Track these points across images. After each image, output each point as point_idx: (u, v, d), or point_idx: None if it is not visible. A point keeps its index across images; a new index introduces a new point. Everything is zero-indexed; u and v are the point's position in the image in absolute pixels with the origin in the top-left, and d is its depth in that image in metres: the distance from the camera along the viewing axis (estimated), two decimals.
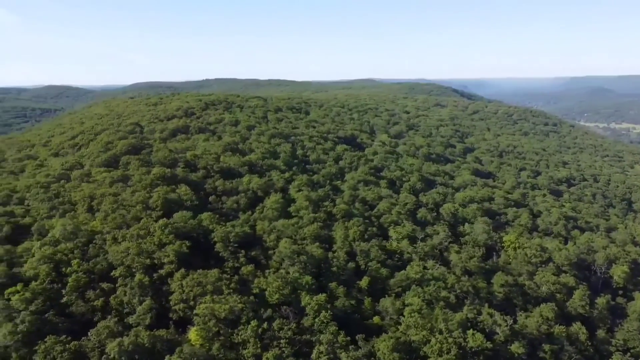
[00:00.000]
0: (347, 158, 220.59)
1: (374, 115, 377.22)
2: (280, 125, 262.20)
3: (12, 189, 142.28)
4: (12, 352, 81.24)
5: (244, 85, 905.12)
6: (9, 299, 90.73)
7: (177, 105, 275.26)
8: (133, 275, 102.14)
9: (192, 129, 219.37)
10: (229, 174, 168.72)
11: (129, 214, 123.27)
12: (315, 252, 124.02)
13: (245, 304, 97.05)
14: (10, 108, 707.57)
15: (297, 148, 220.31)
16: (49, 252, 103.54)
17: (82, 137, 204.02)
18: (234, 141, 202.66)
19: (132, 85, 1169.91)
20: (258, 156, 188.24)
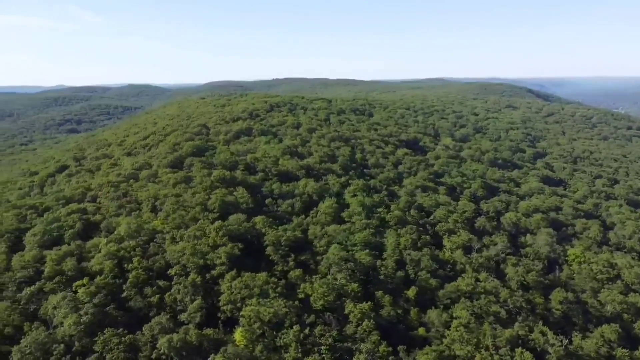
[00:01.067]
0: (406, 162, 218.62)
1: (440, 117, 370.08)
2: (342, 127, 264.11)
3: (87, 187, 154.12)
4: (76, 340, 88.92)
5: (312, 85, 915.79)
6: (76, 291, 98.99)
7: (243, 107, 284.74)
8: (187, 275, 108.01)
9: (255, 131, 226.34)
10: (286, 177, 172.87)
11: (188, 215, 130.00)
12: (364, 259, 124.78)
13: (290, 309, 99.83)
14: (95, 106, 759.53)
15: (357, 152, 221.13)
16: (113, 249, 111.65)
17: (153, 138, 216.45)
18: (294, 144, 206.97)
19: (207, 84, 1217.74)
20: (316, 160, 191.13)
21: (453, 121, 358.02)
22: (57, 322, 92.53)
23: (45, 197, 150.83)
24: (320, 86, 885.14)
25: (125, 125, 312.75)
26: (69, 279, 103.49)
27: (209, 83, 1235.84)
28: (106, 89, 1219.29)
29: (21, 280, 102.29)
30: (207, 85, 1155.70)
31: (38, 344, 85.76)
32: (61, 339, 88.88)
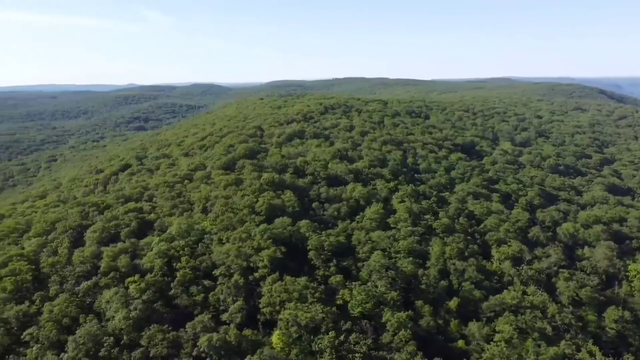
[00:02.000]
0: (459, 168, 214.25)
1: (501, 120, 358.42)
2: (396, 130, 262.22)
3: (145, 186, 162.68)
4: (124, 334, 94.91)
5: (371, 85, 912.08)
6: (128, 287, 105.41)
7: (298, 108, 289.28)
8: (231, 276, 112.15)
9: (307, 134, 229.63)
10: (334, 181, 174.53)
11: (236, 217, 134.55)
12: (406, 267, 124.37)
13: (327, 314, 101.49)
14: (162, 104, 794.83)
15: (408, 156, 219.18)
16: (164, 248, 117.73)
17: (209, 139, 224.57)
18: (345, 147, 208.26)
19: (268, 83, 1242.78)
20: (365, 164, 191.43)
21: (514, 124, 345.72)
22: (109, 316, 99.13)
23: (107, 195, 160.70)
24: (379, 86, 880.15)
25: (186, 125, 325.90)
26: (122, 275, 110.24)
27: (270, 82, 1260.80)
28: (173, 87, 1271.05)
29: (79, 274, 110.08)
30: (269, 84, 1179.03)
31: (91, 335, 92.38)
32: (112, 331, 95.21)
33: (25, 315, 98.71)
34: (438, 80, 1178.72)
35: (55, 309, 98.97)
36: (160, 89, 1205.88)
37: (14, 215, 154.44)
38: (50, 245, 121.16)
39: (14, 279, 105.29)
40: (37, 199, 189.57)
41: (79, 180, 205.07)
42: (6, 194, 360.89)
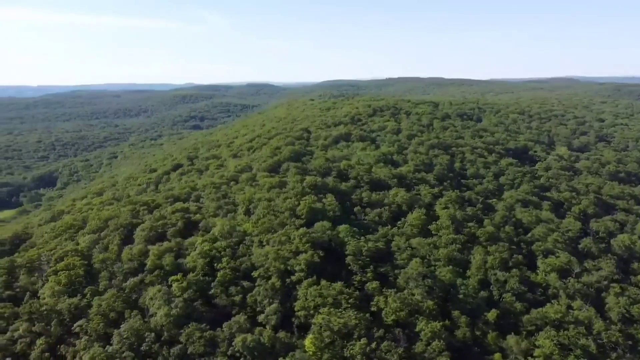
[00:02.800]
0: (509, 173, 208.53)
1: (558, 123, 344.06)
2: (445, 134, 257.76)
3: (193, 187, 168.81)
4: (165, 331, 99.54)
5: (425, 85, 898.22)
6: (171, 285, 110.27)
7: (346, 110, 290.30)
8: (269, 278, 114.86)
9: (353, 137, 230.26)
10: (378, 185, 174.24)
11: (277, 219, 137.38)
12: (444, 276, 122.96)
13: (360, 320, 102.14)
14: (217, 104, 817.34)
15: (456, 160, 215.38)
16: (206, 248, 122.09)
17: (257, 141, 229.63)
18: (390, 151, 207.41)
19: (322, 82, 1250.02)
20: (410, 168, 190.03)
21: (573, 128, 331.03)
22: (152, 312, 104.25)
23: (158, 195, 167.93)
24: (433, 86, 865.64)
25: (237, 126, 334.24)
26: (166, 273, 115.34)
27: (324, 82, 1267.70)
28: (229, 87, 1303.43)
29: (127, 271, 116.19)
30: (323, 84, 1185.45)
31: (134, 330, 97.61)
32: (153, 327, 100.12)
33: (77, 307, 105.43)
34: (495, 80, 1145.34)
35: (103, 303, 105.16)
36: (217, 88, 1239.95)
37: (72, 211, 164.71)
38: (102, 242, 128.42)
39: (68, 273, 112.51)
40: (95, 196, 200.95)
41: (133, 179, 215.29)
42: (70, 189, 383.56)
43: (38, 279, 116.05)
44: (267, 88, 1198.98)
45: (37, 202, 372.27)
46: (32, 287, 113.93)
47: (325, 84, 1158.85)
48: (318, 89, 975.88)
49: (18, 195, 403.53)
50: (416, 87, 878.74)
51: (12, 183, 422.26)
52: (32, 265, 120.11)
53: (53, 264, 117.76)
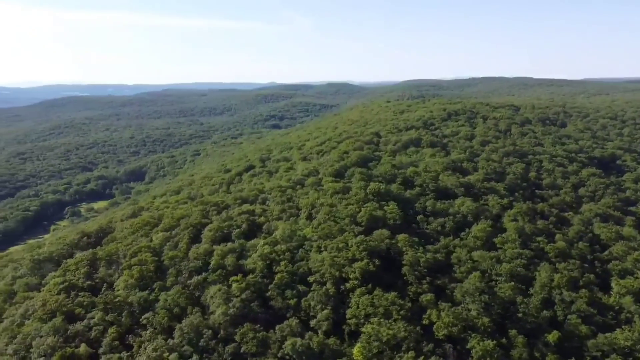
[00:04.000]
0: (590, 185, 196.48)
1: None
2: (522, 140, 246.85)
3: (261, 189, 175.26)
4: (222, 329, 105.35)
5: (510, 85, 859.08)
6: (231, 285, 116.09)
7: (419, 114, 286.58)
8: (324, 284, 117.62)
9: (423, 142, 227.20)
10: (444, 194, 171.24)
11: (336, 226, 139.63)
12: (504, 292, 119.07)
13: (410, 333, 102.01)
14: (297, 103, 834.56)
15: (531, 169, 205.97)
16: (267, 251, 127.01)
17: (327, 144, 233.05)
18: (460, 158, 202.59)
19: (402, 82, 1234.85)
20: (480, 177, 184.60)
21: None
22: (212, 310, 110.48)
23: (228, 195, 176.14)
24: (518, 87, 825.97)
25: (311, 128, 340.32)
26: (227, 273, 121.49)
27: (405, 82, 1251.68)
28: (309, 86, 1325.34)
29: (192, 269, 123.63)
30: (403, 84, 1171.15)
31: (193, 326, 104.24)
32: (212, 325, 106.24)
33: (146, 301, 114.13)
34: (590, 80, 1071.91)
35: (169, 299, 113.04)
36: (297, 87, 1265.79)
37: (151, 209, 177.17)
38: (173, 240, 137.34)
39: (140, 268, 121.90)
40: (174, 194, 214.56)
41: (208, 179, 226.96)
42: (156, 183, 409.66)
43: (115, 271, 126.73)
44: (347, 88, 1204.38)
45: (127, 194, 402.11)
46: (109, 279, 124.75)
47: (405, 84, 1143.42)
48: (397, 89, 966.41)
49: (111, 187, 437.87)
50: (500, 88, 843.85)
51: (107, 176, 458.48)
52: (110, 259, 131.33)
53: (128, 259, 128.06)
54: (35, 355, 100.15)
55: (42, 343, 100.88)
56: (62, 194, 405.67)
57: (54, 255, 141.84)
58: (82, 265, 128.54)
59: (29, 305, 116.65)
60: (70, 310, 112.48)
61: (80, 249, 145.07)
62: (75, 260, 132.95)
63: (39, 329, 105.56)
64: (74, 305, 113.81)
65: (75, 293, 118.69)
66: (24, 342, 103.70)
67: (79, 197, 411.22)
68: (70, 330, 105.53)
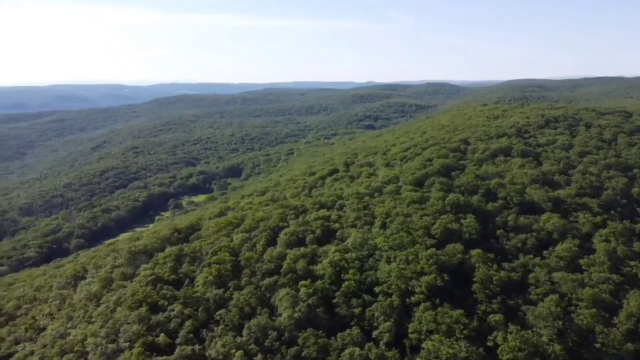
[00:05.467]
0: None
1: None
2: (629, 152, 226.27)
3: (340, 195, 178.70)
4: (286, 331, 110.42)
5: (628, 87, 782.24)
6: (299, 290, 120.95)
7: (514, 120, 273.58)
8: (389, 295, 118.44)
9: (514, 151, 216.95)
10: (529, 208, 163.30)
11: (408, 237, 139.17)
12: (583, 319, 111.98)
13: (472, 354, 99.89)
14: (392, 104, 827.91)
15: (636, 185, 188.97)
16: (337, 258, 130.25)
17: (412, 150, 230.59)
18: (551, 170, 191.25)
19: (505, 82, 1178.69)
20: (572, 191, 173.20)
21: None
22: (279, 312, 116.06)
23: (309, 199, 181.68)
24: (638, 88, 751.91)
25: (399, 132, 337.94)
26: (297, 278, 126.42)
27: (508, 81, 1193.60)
28: (407, 86, 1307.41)
29: (265, 271, 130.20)
30: (506, 84, 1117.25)
31: (261, 326, 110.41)
32: (277, 326, 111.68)
33: (221, 298, 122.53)
34: None
35: (241, 298, 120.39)
36: (395, 87, 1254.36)
37: (236, 209, 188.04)
38: (251, 241, 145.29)
39: (219, 267, 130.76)
40: (260, 194, 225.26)
41: (292, 181, 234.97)
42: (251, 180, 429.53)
43: (197, 268, 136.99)
44: (445, 88, 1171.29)
45: (223, 190, 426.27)
46: (191, 275, 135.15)
47: (508, 84, 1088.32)
48: (499, 89, 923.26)
49: (211, 182, 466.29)
50: (616, 89, 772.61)
51: (207, 171, 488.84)
52: (194, 255, 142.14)
53: (209, 257, 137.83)
54: (122, 340, 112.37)
55: (128, 330, 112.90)
56: (167, 187, 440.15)
57: (148, 248, 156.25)
58: (169, 260, 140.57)
59: (122, 294, 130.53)
60: (154, 301, 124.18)
61: (171, 243, 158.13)
62: (164, 254, 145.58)
63: (127, 317, 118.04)
64: (158, 297, 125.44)
65: (160, 285, 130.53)
66: (114, 327, 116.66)
67: (182, 190, 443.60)
68: (153, 320, 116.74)
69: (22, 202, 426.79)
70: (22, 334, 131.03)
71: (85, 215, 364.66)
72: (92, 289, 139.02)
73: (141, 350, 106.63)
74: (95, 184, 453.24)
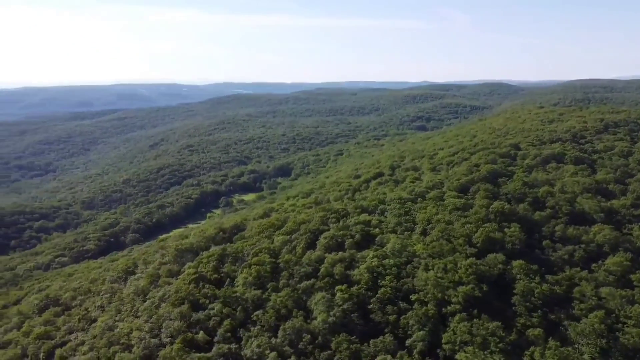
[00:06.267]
0: None
1: None
2: None
3: (382, 199, 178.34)
4: (320, 335, 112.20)
5: None
6: (335, 294, 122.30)
7: (570, 124, 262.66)
8: (425, 304, 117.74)
9: (567, 158, 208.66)
10: (579, 218, 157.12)
11: (448, 245, 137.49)
12: (629, 339, 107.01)
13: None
14: (446, 104, 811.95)
15: None
16: (374, 264, 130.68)
17: (460, 155, 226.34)
18: (606, 179, 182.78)
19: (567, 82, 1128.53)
20: (627, 202, 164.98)
21: None
22: (314, 316, 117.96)
23: (351, 203, 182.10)
24: None
25: (449, 134, 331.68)
26: (334, 282, 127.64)
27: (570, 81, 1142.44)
28: (461, 86, 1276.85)
29: (303, 274, 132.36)
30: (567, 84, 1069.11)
31: (295, 329, 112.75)
32: (312, 329, 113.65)
33: (259, 299, 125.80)
34: None
35: (278, 300, 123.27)
36: (449, 87, 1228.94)
37: (280, 210, 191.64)
38: (291, 243, 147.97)
39: (258, 268, 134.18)
40: (305, 196, 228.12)
41: (337, 184, 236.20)
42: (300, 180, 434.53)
43: (238, 268, 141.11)
44: (502, 88, 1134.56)
45: (273, 189, 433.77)
46: (232, 275, 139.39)
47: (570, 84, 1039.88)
48: (559, 90, 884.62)
49: (261, 181, 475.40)
50: None
51: (258, 170, 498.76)
52: (236, 255, 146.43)
53: (250, 257, 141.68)
54: (164, 335, 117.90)
55: (170, 326, 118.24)
56: (219, 185, 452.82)
57: (194, 247, 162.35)
58: (212, 260, 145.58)
59: (166, 290, 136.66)
60: (196, 299, 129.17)
61: (216, 243, 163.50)
62: (208, 254, 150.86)
63: (169, 313, 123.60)
64: (199, 295, 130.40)
65: (203, 284, 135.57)
66: (157, 322, 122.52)
67: (233, 188, 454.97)
68: (193, 318, 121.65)
69: (84, 196, 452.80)
70: (76, 324, 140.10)
71: (141, 211, 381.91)
72: (139, 284, 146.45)
73: (181, 347, 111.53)
74: (152, 180, 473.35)
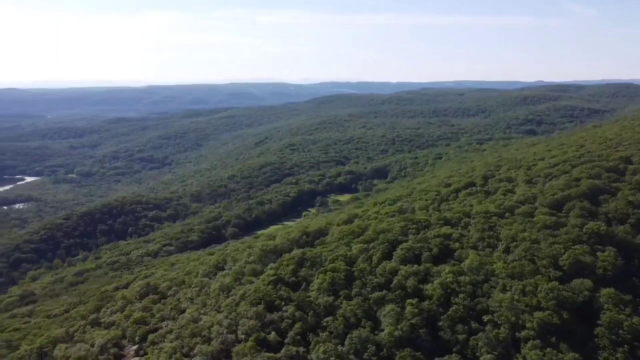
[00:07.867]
0: None
1: None
2: None
3: (468, 212, 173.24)
4: (384, 347, 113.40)
5: None
6: (404, 307, 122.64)
7: None
8: (498, 326, 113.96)
9: None
10: None
11: (531, 266, 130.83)
12: None
13: None
14: (560, 107, 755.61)
15: None
16: (449, 280, 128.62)
17: (560, 167, 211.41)
18: None
19: None
20: None
21: None
22: (382, 327, 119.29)
23: (435, 214, 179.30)
24: None
25: (555, 142, 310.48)
26: (405, 295, 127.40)
27: None
28: (580, 87, 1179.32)
29: (376, 284, 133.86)
30: None
31: (361, 339, 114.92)
32: (377, 341, 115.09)
33: (330, 305, 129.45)
34: None
35: (348, 308, 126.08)
36: (565, 88, 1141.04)
37: (363, 217, 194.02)
38: (367, 252, 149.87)
39: (333, 275, 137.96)
40: (392, 202, 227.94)
41: (425, 192, 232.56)
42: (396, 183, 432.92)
43: (315, 272, 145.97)
44: (630, 89, 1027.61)
45: (368, 191, 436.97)
46: (309, 279, 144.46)
47: None
48: None
49: (357, 182, 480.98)
50: None
51: (355, 171, 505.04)
52: (314, 260, 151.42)
53: (327, 264, 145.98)
54: (240, 332, 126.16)
55: (246, 324, 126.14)
56: (316, 184, 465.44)
57: (277, 248, 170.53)
58: (292, 263, 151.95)
59: (247, 289, 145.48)
60: (272, 300, 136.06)
61: (299, 246, 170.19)
62: (289, 256, 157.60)
63: (247, 311, 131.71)
64: (276, 297, 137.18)
65: (280, 286, 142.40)
66: (235, 319, 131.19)
67: (329, 188, 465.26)
68: (267, 318, 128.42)
69: (193, 190, 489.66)
70: (168, 313, 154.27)
71: (242, 206, 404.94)
72: (225, 281, 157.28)
73: (253, 345, 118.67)
74: (254, 177, 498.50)
